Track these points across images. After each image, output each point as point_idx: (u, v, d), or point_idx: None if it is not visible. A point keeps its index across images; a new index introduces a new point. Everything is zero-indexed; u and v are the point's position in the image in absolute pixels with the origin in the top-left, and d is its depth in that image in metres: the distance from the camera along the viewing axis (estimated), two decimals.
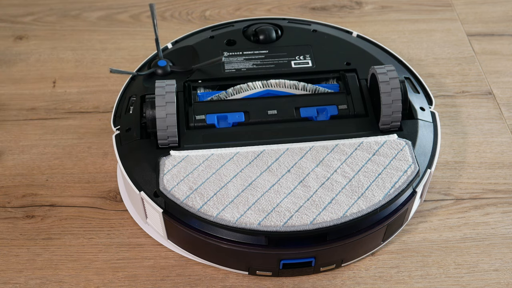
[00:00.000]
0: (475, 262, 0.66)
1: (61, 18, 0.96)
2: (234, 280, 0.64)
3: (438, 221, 0.70)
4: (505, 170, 0.75)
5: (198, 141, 0.67)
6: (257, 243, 0.60)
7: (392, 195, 0.61)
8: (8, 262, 0.66)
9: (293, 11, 0.98)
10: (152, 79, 0.73)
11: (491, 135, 0.78)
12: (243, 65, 0.75)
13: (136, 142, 0.67)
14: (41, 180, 0.74)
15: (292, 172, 0.63)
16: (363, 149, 0.65)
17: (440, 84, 0.85)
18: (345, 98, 0.70)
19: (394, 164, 0.63)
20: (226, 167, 0.63)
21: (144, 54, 0.89)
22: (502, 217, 0.70)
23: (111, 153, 0.76)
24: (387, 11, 0.98)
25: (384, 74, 0.66)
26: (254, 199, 0.60)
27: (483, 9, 0.98)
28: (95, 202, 0.71)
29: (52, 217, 0.70)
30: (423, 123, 0.69)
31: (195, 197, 0.60)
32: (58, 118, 0.81)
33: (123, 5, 0.99)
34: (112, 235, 0.68)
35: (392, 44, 0.91)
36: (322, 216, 0.59)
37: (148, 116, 0.66)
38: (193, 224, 0.61)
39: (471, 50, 0.91)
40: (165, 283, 0.64)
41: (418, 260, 0.66)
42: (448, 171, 0.74)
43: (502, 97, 0.84)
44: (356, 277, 0.65)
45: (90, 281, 0.64)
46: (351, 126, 0.68)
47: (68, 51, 0.91)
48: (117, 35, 0.94)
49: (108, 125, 0.79)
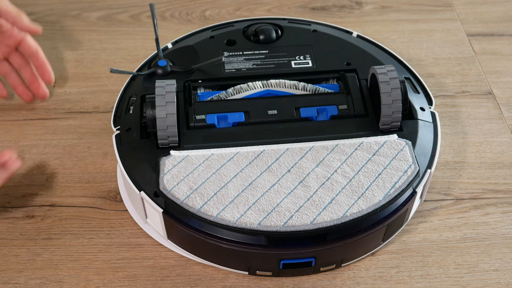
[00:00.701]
0: (475, 262, 0.66)
1: (61, 18, 0.96)
2: (234, 280, 0.64)
3: (438, 221, 0.70)
4: (505, 170, 0.75)
5: (198, 141, 0.67)
6: (257, 243, 0.60)
7: (392, 195, 0.61)
8: (8, 262, 0.66)
9: (293, 11, 0.98)
10: (152, 79, 0.73)
11: (491, 135, 0.78)
12: (243, 65, 0.75)
13: (136, 142, 0.67)
14: (41, 180, 0.74)
15: (292, 172, 0.63)
16: (363, 149, 0.65)
17: (440, 84, 0.85)
18: (345, 98, 0.70)
19: (394, 164, 0.63)
20: (226, 167, 0.63)
21: (144, 54, 0.89)
22: (502, 217, 0.70)
23: (111, 153, 0.76)
24: (387, 11, 0.98)
25: (384, 74, 0.66)
26: (254, 199, 0.60)
27: (483, 9, 0.98)
28: (95, 202, 0.71)
29: (52, 217, 0.70)
30: (423, 123, 0.69)
31: (195, 197, 0.60)
32: (58, 118, 0.81)
33: (123, 5, 0.99)
34: (112, 235, 0.68)
35: (392, 44, 0.92)
36: (322, 216, 0.59)
37: (148, 116, 0.66)
38: (193, 224, 0.61)
39: (471, 50, 0.91)
40: (165, 283, 0.64)
41: (418, 260, 0.66)
42: (448, 171, 0.74)
43: (502, 97, 0.84)
44: (356, 277, 0.65)
45: (90, 281, 0.64)
46: (351, 126, 0.68)
47: (68, 51, 0.91)
48: (117, 35, 0.94)
49: (108, 125, 0.79)
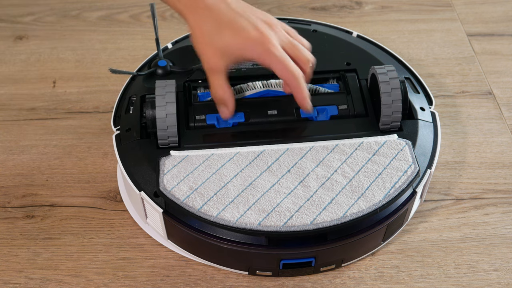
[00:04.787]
0: (475, 262, 0.66)
1: (61, 18, 0.96)
2: (234, 280, 0.64)
3: (438, 221, 0.70)
4: (505, 170, 0.75)
5: (198, 141, 0.67)
6: (257, 243, 0.60)
7: (392, 195, 0.61)
8: (8, 262, 0.66)
9: (293, 11, 0.98)
10: (152, 79, 0.73)
11: (491, 135, 0.78)
12: (243, 65, 0.75)
13: (136, 142, 0.67)
14: (41, 180, 0.74)
15: (292, 172, 0.63)
16: (363, 149, 0.65)
17: (440, 84, 0.85)
18: (345, 98, 0.70)
19: (394, 164, 0.63)
20: (226, 167, 0.63)
21: (144, 54, 0.89)
22: (502, 217, 0.70)
23: (111, 153, 0.76)
24: (387, 11, 0.98)
25: (384, 74, 0.66)
26: (254, 199, 0.60)
27: (483, 9, 0.98)
28: (95, 202, 0.71)
29: (52, 217, 0.70)
30: (423, 123, 0.69)
31: (195, 197, 0.60)
32: (58, 118, 0.81)
33: (123, 5, 0.99)
34: (112, 235, 0.68)
35: (392, 44, 0.92)
36: (322, 216, 0.59)
37: (148, 116, 0.66)
38: (193, 224, 0.61)
39: (471, 50, 0.91)
40: (165, 283, 0.64)
41: (418, 260, 0.66)
42: (448, 171, 0.74)
43: (502, 97, 0.84)
44: (356, 277, 0.65)
45: (90, 281, 0.64)
46: (351, 126, 0.68)
47: (68, 51, 0.91)
48: (117, 35, 0.94)
49: (108, 125, 0.79)
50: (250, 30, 0.63)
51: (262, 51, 0.63)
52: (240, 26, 0.63)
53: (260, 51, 0.63)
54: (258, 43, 0.62)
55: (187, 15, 0.64)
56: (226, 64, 0.64)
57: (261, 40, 0.62)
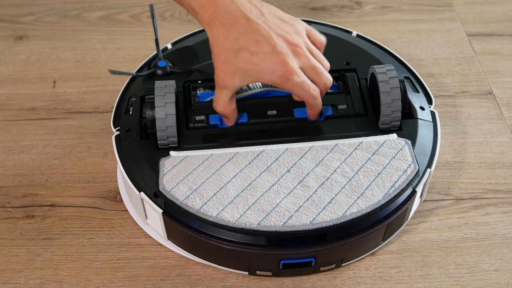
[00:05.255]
0: (475, 262, 0.66)
1: (61, 18, 0.96)
2: (234, 280, 0.64)
3: (438, 221, 0.70)
4: (505, 170, 0.75)
5: (198, 141, 0.67)
6: (257, 243, 0.60)
7: (392, 195, 0.61)
8: (8, 262, 0.66)
9: (293, 11, 0.98)
10: (151, 79, 0.73)
11: (491, 135, 0.78)
12: None
13: (136, 143, 0.67)
14: (41, 180, 0.74)
15: (292, 172, 0.63)
16: (363, 149, 0.65)
17: (440, 84, 0.85)
18: (345, 98, 0.70)
19: (394, 164, 0.63)
20: (225, 167, 0.63)
21: (144, 54, 0.89)
22: (502, 217, 0.70)
23: (111, 153, 0.76)
24: (387, 11, 0.98)
25: (383, 74, 0.66)
26: (254, 199, 0.60)
27: (483, 9, 0.98)
28: (95, 202, 0.71)
29: (52, 217, 0.70)
30: (423, 123, 0.69)
31: (194, 198, 0.60)
32: (58, 118, 0.81)
33: (123, 5, 0.99)
34: (112, 235, 0.68)
35: (392, 44, 0.91)
36: (321, 216, 0.59)
37: (148, 116, 0.66)
38: (193, 225, 0.61)
39: (471, 50, 0.91)
40: (165, 283, 0.64)
41: (418, 260, 0.66)
42: (448, 171, 0.74)
43: (502, 97, 0.84)
44: (356, 277, 0.65)
45: (90, 281, 0.64)
46: (351, 125, 0.68)
47: (68, 51, 0.91)
48: (117, 35, 0.94)
49: (108, 125, 0.79)
50: (268, 57, 0.61)
51: (281, 80, 0.62)
52: (259, 49, 0.61)
53: (279, 79, 0.62)
54: (277, 72, 0.61)
55: (207, 27, 0.62)
56: (237, 84, 0.63)
57: (281, 70, 0.61)
